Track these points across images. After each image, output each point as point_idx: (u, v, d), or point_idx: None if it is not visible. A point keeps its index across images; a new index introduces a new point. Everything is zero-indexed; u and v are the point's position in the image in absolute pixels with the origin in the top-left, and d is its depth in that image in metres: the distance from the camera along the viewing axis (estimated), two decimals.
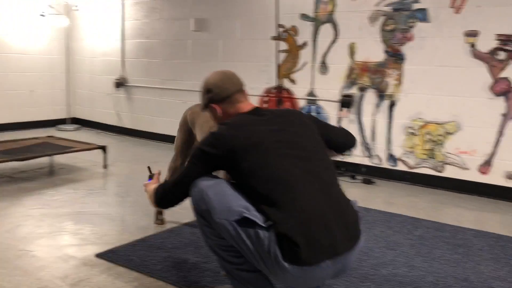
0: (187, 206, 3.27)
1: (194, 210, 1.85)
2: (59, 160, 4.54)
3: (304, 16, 4.54)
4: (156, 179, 2.12)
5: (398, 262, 2.44)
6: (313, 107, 4.60)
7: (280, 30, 4.70)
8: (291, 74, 4.69)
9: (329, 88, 4.46)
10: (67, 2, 6.36)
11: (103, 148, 4.28)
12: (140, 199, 3.40)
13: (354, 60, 4.31)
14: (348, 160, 4.40)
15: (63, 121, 6.69)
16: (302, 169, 1.75)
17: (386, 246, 2.67)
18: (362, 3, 4.19)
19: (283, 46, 4.71)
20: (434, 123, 3.97)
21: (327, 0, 4.39)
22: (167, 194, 1.94)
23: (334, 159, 2.02)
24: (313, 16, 4.49)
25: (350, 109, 4.36)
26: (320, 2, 4.43)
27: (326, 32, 4.43)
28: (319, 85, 4.52)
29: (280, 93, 4.78)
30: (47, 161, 4.48)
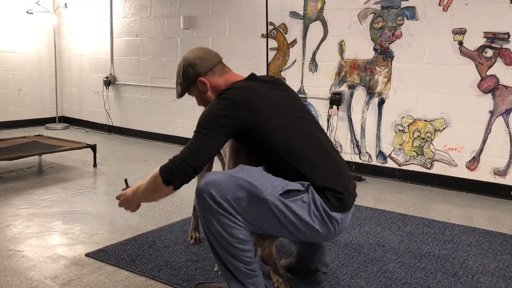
0: (177, 205, 3.29)
1: (214, 201, 1.69)
2: (48, 159, 4.51)
3: (294, 14, 4.55)
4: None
5: (387, 259, 2.46)
6: None
7: (270, 27, 4.71)
8: (281, 71, 4.70)
9: (318, 86, 4.47)
10: (54, 0, 6.29)
11: (93, 147, 4.25)
12: None
13: (344, 58, 4.32)
14: None
15: (51, 119, 6.64)
16: (317, 130, 1.91)
17: (375, 242, 2.69)
18: (351, 1, 4.21)
19: (273, 44, 4.72)
20: (423, 120, 4.00)
21: None
22: (182, 166, 1.73)
23: None
24: (302, 14, 4.50)
25: (339, 106, 4.38)
26: (309, 0, 4.44)
27: (316, 29, 4.44)
28: (308, 82, 4.53)
29: None
30: (36, 160, 4.45)
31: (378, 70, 4.16)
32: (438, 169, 3.98)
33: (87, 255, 2.39)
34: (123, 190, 1.95)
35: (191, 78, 1.95)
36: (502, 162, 3.71)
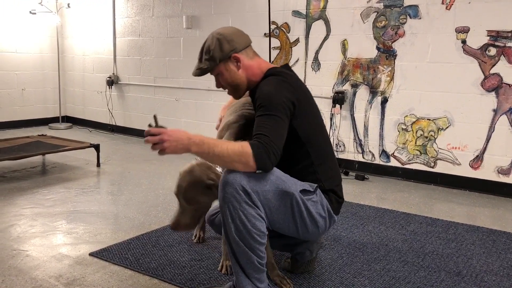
0: None
1: (244, 191, 1.68)
2: (52, 159, 4.52)
3: (296, 13, 4.55)
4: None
5: (391, 258, 2.46)
6: None
7: (272, 27, 4.71)
8: None
9: (321, 85, 4.47)
10: (57, 0, 6.31)
11: (96, 146, 4.26)
12: (134, 197, 3.40)
13: (346, 57, 4.32)
14: (341, 156, 4.42)
15: (55, 119, 6.66)
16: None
17: (379, 241, 2.69)
18: (354, 0, 4.21)
19: (275, 43, 4.72)
20: (426, 119, 4.00)
21: None
22: (276, 156, 1.68)
23: None
24: (305, 13, 4.50)
25: (342, 105, 4.38)
26: None
27: (318, 28, 4.44)
28: (311, 81, 4.53)
29: None
30: (40, 160, 4.46)
31: (381, 69, 4.15)
32: (442, 168, 3.97)
33: (91, 254, 2.39)
34: (151, 126, 1.69)
35: (225, 53, 1.89)
36: (506, 160, 3.70)
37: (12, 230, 2.71)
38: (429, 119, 3.98)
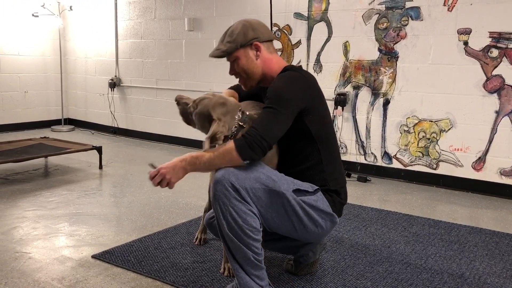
0: (182, 206, 3.29)
1: (232, 188, 1.72)
2: (54, 161, 4.53)
3: (298, 15, 4.55)
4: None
5: (393, 260, 2.46)
6: None
7: (274, 29, 4.71)
8: None
9: (323, 87, 4.40)
10: (60, 3, 6.33)
11: (98, 148, 4.27)
12: (136, 199, 3.41)
13: (348, 59, 4.32)
14: (343, 158, 4.42)
15: (57, 122, 6.68)
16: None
17: (381, 243, 2.68)
18: (356, 2, 4.21)
19: (277, 45, 4.72)
20: (428, 121, 3.99)
21: None
22: (262, 143, 1.72)
23: None
24: (307, 15, 4.50)
25: (344, 107, 4.38)
26: (313, 1, 4.44)
27: (320, 30, 4.44)
28: None
29: None
30: (42, 162, 4.47)
31: (383, 70, 4.15)
32: (444, 169, 3.97)
33: (94, 256, 2.40)
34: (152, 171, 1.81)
35: (247, 39, 1.91)
36: (509, 162, 3.69)
37: (14, 232, 2.72)
38: (431, 121, 3.98)
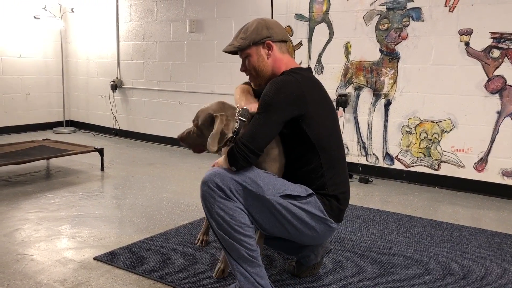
0: (184, 208, 3.29)
1: (217, 187, 1.76)
2: (56, 163, 4.54)
3: (299, 16, 4.55)
4: None
5: (395, 261, 2.45)
6: None
7: None
8: None
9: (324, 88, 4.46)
10: (61, 5, 6.34)
11: (100, 150, 4.27)
12: (138, 201, 3.41)
13: (350, 60, 4.32)
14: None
15: (59, 124, 6.69)
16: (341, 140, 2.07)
17: (383, 244, 2.68)
18: (357, 3, 4.21)
19: None
20: (430, 122, 3.99)
21: (321, 0, 4.41)
22: (242, 150, 1.76)
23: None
24: (308, 16, 4.50)
25: (345, 108, 4.38)
26: (314, 2, 4.44)
27: (321, 32, 4.44)
28: None
29: None
30: (44, 164, 4.48)
31: (384, 71, 4.15)
32: (446, 170, 3.96)
33: (96, 258, 2.40)
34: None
35: (261, 36, 1.94)
36: (511, 163, 3.68)
37: (16, 235, 2.72)
38: (432, 122, 3.98)
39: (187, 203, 3.38)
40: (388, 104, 4.17)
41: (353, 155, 4.41)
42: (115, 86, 6.09)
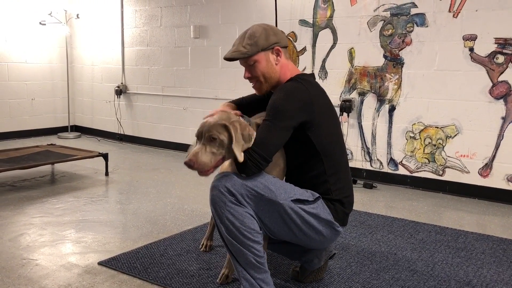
0: (188, 213, 3.30)
1: (228, 192, 1.75)
2: (61, 168, 4.55)
3: (303, 22, 4.57)
4: None
5: (400, 267, 2.44)
6: None
7: None
8: None
9: (328, 93, 4.38)
10: (67, 11, 6.39)
11: (104, 155, 4.29)
12: (142, 206, 3.41)
13: (354, 65, 4.33)
14: (349, 164, 4.40)
15: (64, 129, 6.71)
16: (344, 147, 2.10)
17: (387, 250, 2.67)
18: (361, 9, 4.22)
19: None
20: (434, 127, 3.98)
21: (325, 6, 4.42)
22: (253, 157, 1.76)
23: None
24: (312, 22, 4.52)
25: (350, 114, 4.38)
26: (318, 8, 4.46)
27: (325, 37, 4.45)
28: None
29: None
30: (49, 169, 4.49)
31: (388, 77, 4.15)
32: (450, 176, 3.95)
33: (100, 263, 2.40)
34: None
35: (270, 43, 1.93)
36: None
37: (21, 239, 2.73)
38: (437, 127, 3.97)
39: (191, 208, 3.39)
40: (392, 109, 4.17)
41: (357, 161, 4.40)
42: (120, 91, 6.12)
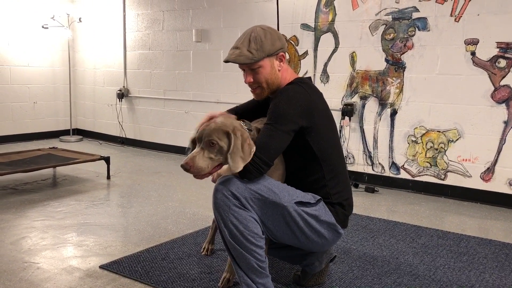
0: (189, 217, 3.29)
1: (232, 196, 1.75)
2: (62, 171, 4.56)
3: (305, 26, 4.57)
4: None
5: (401, 271, 2.44)
6: None
7: None
8: None
9: (330, 97, 4.47)
10: (69, 15, 6.41)
11: (106, 159, 4.29)
12: (143, 210, 3.41)
13: (355, 69, 4.33)
14: (351, 168, 4.41)
15: (66, 132, 6.72)
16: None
17: (389, 254, 2.67)
18: (362, 13, 4.23)
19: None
20: (436, 131, 3.98)
21: (327, 9, 4.43)
22: (254, 161, 1.75)
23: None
24: (313, 26, 4.52)
25: (351, 117, 4.37)
26: (320, 12, 4.47)
27: (327, 41, 4.46)
28: None
29: None
30: (51, 172, 4.50)
31: (390, 81, 4.15)
32: (452, 180, 3.94)
33: (101, 267, 2.40)
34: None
35: (275, 48, 1.92)
36: None
37: (23, 243, 2.73)
38: (439, 131, 3.97)
39: (192, 212, 3.39)
40: (394, 113, 4.17)
41: (359, 165, 4.40)
42: (122, 95, 6.13)
